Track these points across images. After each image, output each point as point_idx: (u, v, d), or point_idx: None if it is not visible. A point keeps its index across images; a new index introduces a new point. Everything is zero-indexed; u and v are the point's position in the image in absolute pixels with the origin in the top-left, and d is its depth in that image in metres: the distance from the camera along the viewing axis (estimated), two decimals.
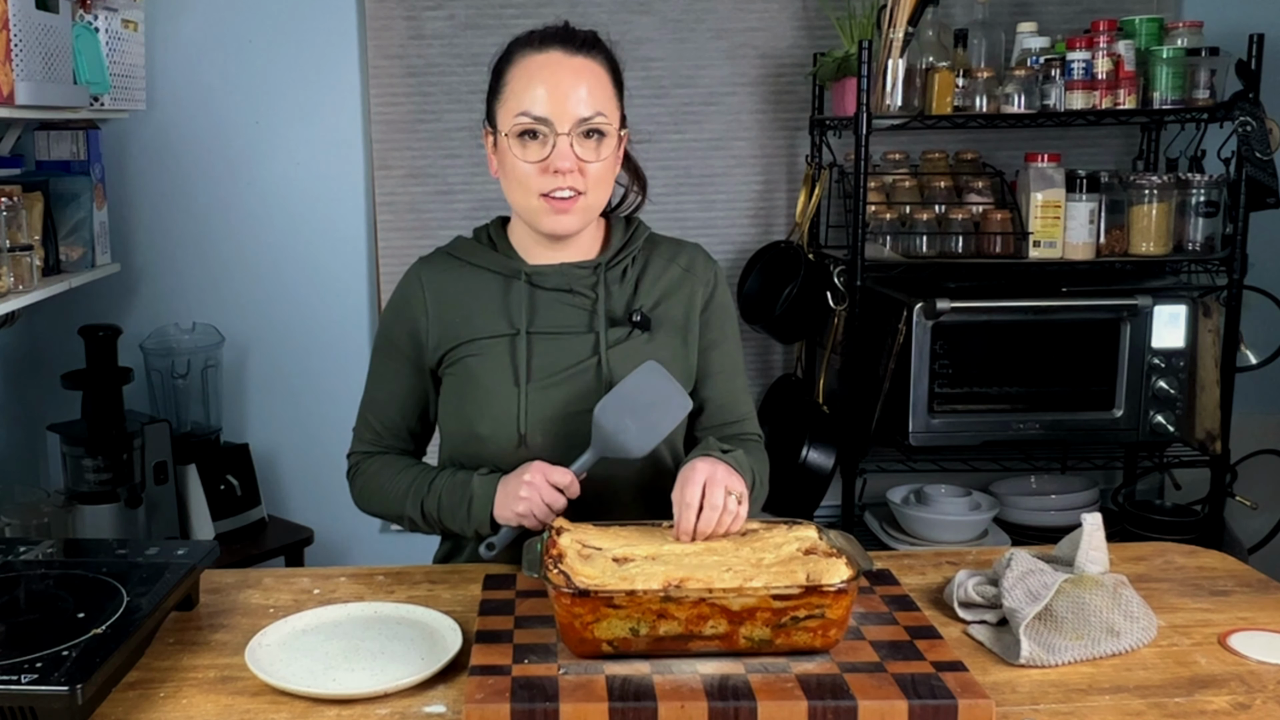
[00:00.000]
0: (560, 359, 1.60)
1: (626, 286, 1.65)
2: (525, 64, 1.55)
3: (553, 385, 1.59)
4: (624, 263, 1.66)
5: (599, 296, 1.62)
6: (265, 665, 1.28)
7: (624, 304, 1.64)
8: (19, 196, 2.24)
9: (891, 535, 2.88)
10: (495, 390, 1.58)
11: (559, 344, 1.60)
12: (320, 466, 3.13)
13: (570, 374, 1.59)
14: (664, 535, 1.41)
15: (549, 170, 1.53)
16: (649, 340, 1.62)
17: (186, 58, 2.96)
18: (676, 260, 1.69)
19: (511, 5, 3.00)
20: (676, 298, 1.66)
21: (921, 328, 2.66)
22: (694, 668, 1.21)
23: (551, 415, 1.58)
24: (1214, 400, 2.79)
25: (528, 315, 1.60)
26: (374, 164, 3.05)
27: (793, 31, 3.10)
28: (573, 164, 1.53)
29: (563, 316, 1.62)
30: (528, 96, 1.53)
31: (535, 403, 1.58)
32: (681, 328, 1.65)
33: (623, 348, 1.61)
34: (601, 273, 1.63)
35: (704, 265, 1.70)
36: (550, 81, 1.53)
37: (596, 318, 1.61)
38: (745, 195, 3.17)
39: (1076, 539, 1.47)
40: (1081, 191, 2.72)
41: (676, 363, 1.63)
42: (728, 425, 1.70)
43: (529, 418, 1.57)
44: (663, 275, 1.67)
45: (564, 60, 1.55)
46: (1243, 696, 1.24)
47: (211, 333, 2.96)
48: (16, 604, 1.36)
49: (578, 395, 1.58)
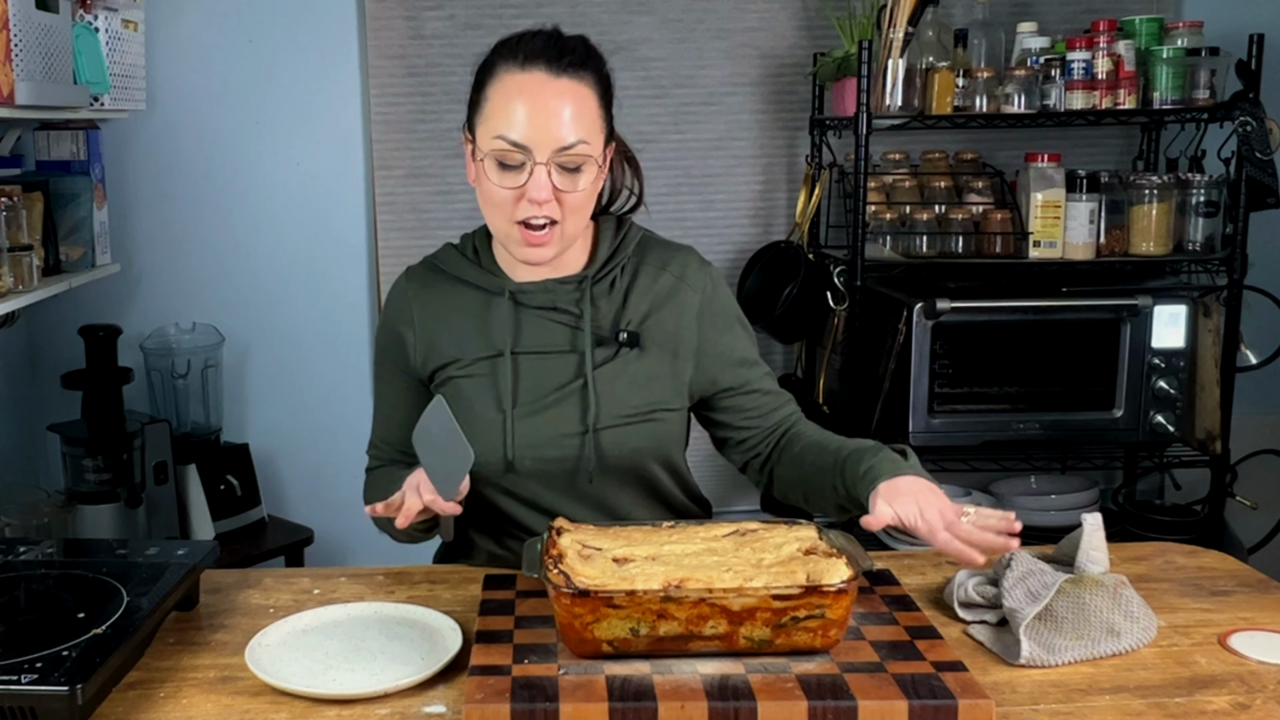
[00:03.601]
0: (546, 381, 1.56)
1: (614, 299, 1.60)
2: (506, 82, 1.48)
3: (540, 410, 1.56)
4: (612, 274, 1.60)
5: (584, 313, 1.57)
6: (265, 665, 1.28)
7: (611, 318, 1.58)
8: (19, 196, 2.23)
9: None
10: (482, 416, 1.55)
11: (545, 364, 1.57)
12: (320, 466, 3.13)
13: (556, 397, 1.56)
14: (664, 535, 1.41)
15: (524, 199, 1.47)
16: (639, 357, 1.58)
17: (186, 58, 2.96)
18: (668, 268, 1.62)
19: (511, 5, 2.99)
20: (668, 309, 1.60)
21: (921, 328, 2.66)
22: (694, 668, 1.21)
23: (538, 441, 1.55)
24: (1214, 400, 2.79)
25: (512, 335, 1.57)
26: (374, 164, 3.05)
27: (793, 31, 3.10)
28: (549, 195, 1.46)
29: (548, 335, 1.58)
30: (505, 119, 1.46)
31: (521, 429, 1.55)
32: (673, 341, 1.60)
33: (610, 367, 1.57)
34: (587, 287, 1.58)
35: (696, 271, 1.63)
36: (531, 106, 1.46)
37: (581, 336, 1.57)
38: (745, 195, 3.17)
39: (1076, 539, 1.47)
40: (1081, 191, 2.72)
41: (666, 379, 1.59)
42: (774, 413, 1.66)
43: (515, 444, 1.55)
44: (653, 286, 1.61)
45: (547, 83, 1.47)
46: (1243, 696, 1.24)
47: (211, 333, 2.96)
48: (16, 604, 1.36)
49: (564, 419, 1.56)
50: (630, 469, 1.59)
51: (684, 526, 1.42)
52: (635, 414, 1.56)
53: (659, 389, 1.59)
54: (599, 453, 1.55)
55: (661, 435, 1.60)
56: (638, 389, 1.57)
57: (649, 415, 1.57)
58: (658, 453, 1.61)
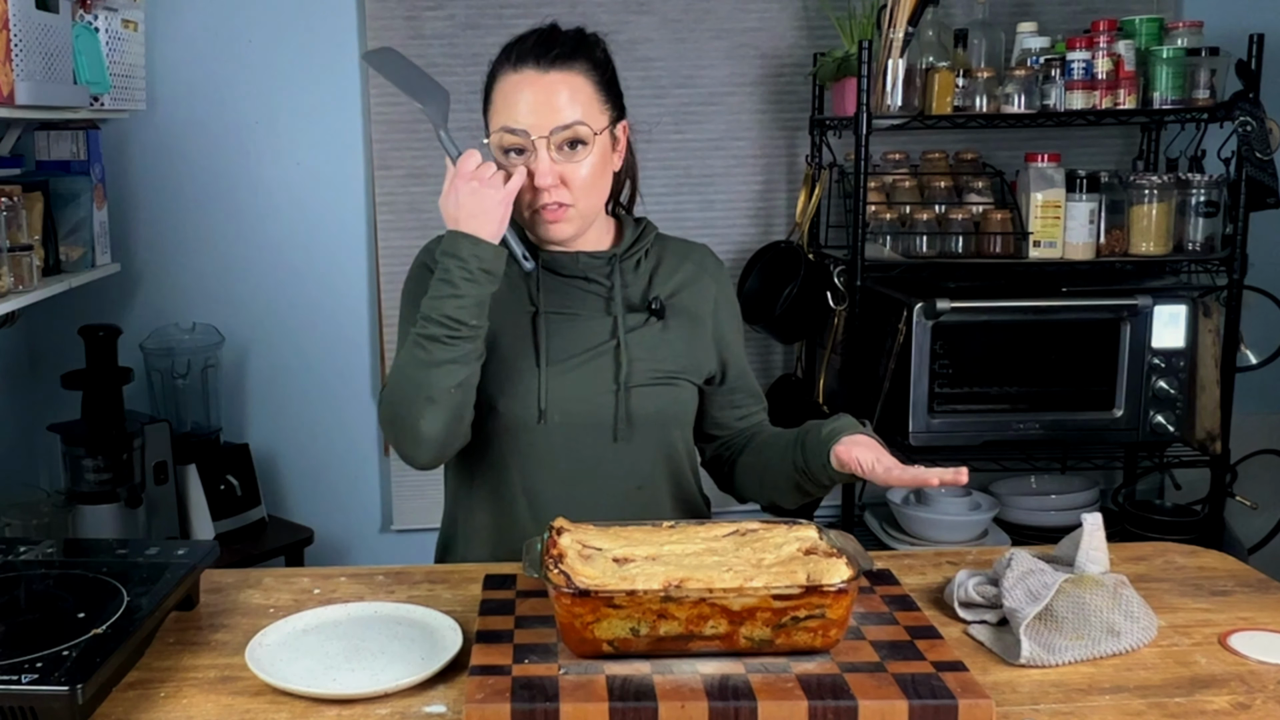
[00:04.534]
0: (578, 342, 1.62)
1: (641, 277, 1.68)
2: (503, 83, 1.58)
3: (572, 367, 1.61)
4: (637, 255, 1.69)
5: (615, 285, 1.65)
6: (265, 665, 1.28)
7: (639, 293, 1.67)
8: (19, 196, 2.23)
9: (891, 535, 2.88)
10: (516, 367, 1.61)
11: (577, 326, 1.63)
12: (320, 466, 3.13)
13: (588, 355, 1.62)
14: (664, 535, 1.41)
15: (534, 185, 1.55)
16: (664, 328, 1.65)
17: (186, 58, 2.96)
18: (689, 258, 1.73)
19: (511, 5, 2.99)
20: (690, 291, 1.70)
21: (921, 328, 2.67)
22: (694, 668, 1.21)
23: (570, 395, 1.60)
24: (1214, 400, 2.79)
25: (548, 298, 1.63)
26: (374, 164, 3.05)
27: (793, 31, 3.10)
28: (554, 179, 1.54)
29: (580, 301, 1.64)
30: (506, 113, 1.56)
31: (555, 384, 1.60)
32: (695, 321, 1.69)
33: (639, 333, 1.64)
34: (616, 263, 1.66)
35: (714, 265, 1.75)
36: (525, 99, 1.55)
37: (614, 303, 1.64)
38: (745, 195, 3.17)
39: (1076, 539, 1.47)
40: (1081, 191, 2.72)
41: (688, 353, 1.67)
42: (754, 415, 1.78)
43: (549, 395, 1.59)
44: (677, 270, 1.70)
45: (536, 79, 1.55)
46: (1243, 696, 1.24)
47: (211, 333, 2.96)
48: (16, 604, 1.36)
49: (596, 376, 1.61)
50: (653, 430, 1.65)
51: (684, 526, 1.42)
52: (662, 376, 1.64)
53: (682, 359, 1.67)
54: (628, 410, 1.61)
55: (684, 400, 1.68)
56: (664, 354, 1.65)
57: (673, 379, 1.65)
58: (679, 418, 1.69)
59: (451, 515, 1.75)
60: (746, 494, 1.77)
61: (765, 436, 1.73)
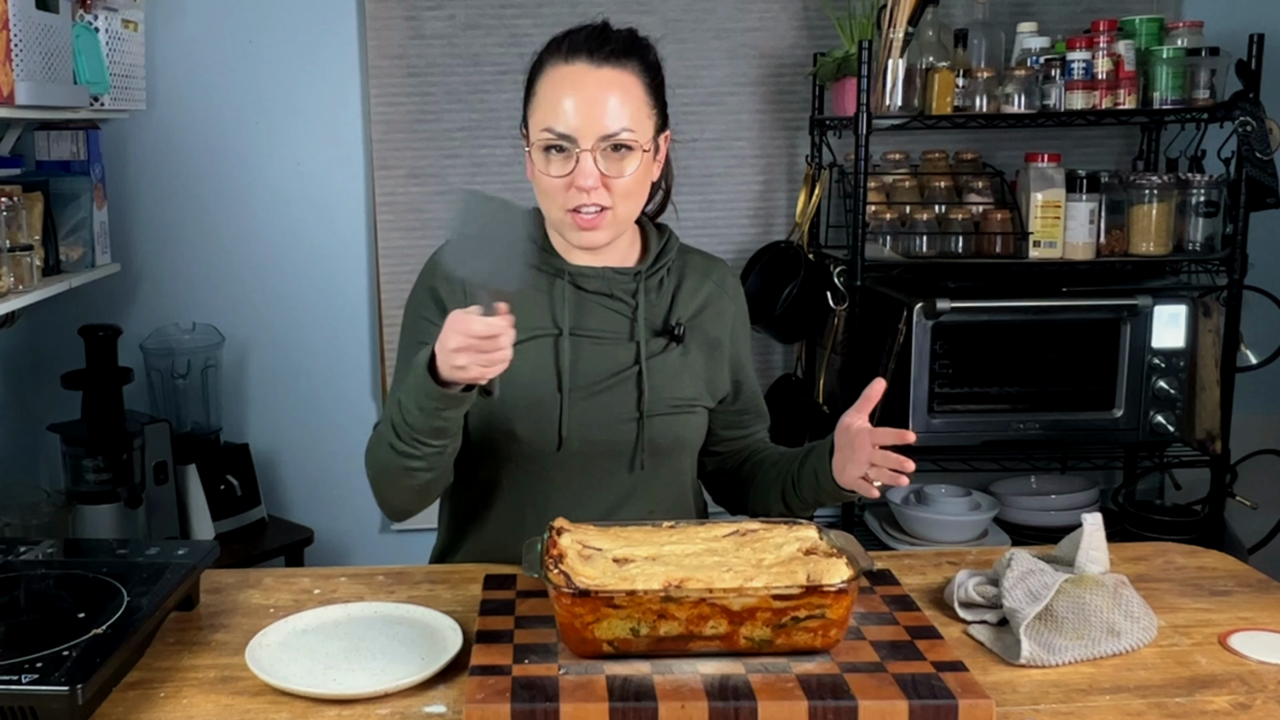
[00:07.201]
0: (601, 365, 1.59)
1: (664, 296, 1.65)
2: (552, 75, 1.53)
3: (594, 393, 1.58)
4: (660, 272, 1.65)
5: (639, 304, 1.61)
6: (265, 665, 1.28)
7: (662, 314, 1.64)
8: (19, 196, 2.23)
9: (892, 535, 2.88)
10: (537, 393, 1.57)
11: (600, 349, 1.60)
12: (320, 466, 3.13)
13: (611, 382, 1.59)
14: (664, 535, 1.41)
15: (573, 187, 1.50)
16: (684, 353, 1.63)
17: (186, 58, 2.96)
18: (710, 276, 1.70)
19: (512, 5, 2.98)
20: (709, 313, 1.67)
21: (921, 328, 2.66)
22: (694, 668, 1.21)
23: (590, 423, 1.57)
24: (1214, 400, 2.79)
25: (571, 316, 1.59)
26: (374, 164, 3.05)
27: (793, 31, 3.10)
28: (596, 181, 1.50)
29: (604, 321, 1.61)
30: (552, 111, 1.51)
31: (575, 410, 1.57)
32: (713, 344, 1.67)
33: (659, 359, 1.61)
34: (641, 280, 1.62)
35: (733, 284, 1.74)
36: (575, 97, 1.50)
37: (638, 326, 1.60)
38: (745, 195, 3.17)
39: (1077, 539, 1.47)
40: (1081, 191, 2.72)
41: (704, 377, 1.65)
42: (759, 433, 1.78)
43: (568, 423, 1.57)
44: (699, 290, 1.67)
45: (589, 73, 1.51)
46: (1243, 696, 1.24)
47: (211, 333, 2.96)
48: (16, 604, 1.36)
49: (618, 404, 1.58)
50: (668, 458, 1.64)
51: (684, 526, 1.42)
52: (680, 404, 1.62)
53: (699, 384, 1.65)
54: (649, 438, 1.60)
55: (698, 427, 1.68)
56: (683, 381, 1.63)
57: (691, 406, 1.64)
58: (694, 444, 1.69)
59: (452, 527, 1.72)
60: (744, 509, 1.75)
61: (764, 454, 1.73)
